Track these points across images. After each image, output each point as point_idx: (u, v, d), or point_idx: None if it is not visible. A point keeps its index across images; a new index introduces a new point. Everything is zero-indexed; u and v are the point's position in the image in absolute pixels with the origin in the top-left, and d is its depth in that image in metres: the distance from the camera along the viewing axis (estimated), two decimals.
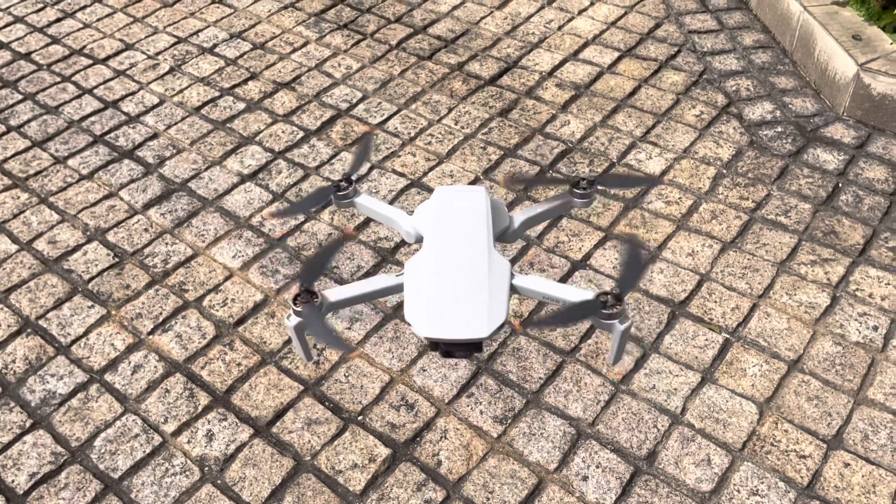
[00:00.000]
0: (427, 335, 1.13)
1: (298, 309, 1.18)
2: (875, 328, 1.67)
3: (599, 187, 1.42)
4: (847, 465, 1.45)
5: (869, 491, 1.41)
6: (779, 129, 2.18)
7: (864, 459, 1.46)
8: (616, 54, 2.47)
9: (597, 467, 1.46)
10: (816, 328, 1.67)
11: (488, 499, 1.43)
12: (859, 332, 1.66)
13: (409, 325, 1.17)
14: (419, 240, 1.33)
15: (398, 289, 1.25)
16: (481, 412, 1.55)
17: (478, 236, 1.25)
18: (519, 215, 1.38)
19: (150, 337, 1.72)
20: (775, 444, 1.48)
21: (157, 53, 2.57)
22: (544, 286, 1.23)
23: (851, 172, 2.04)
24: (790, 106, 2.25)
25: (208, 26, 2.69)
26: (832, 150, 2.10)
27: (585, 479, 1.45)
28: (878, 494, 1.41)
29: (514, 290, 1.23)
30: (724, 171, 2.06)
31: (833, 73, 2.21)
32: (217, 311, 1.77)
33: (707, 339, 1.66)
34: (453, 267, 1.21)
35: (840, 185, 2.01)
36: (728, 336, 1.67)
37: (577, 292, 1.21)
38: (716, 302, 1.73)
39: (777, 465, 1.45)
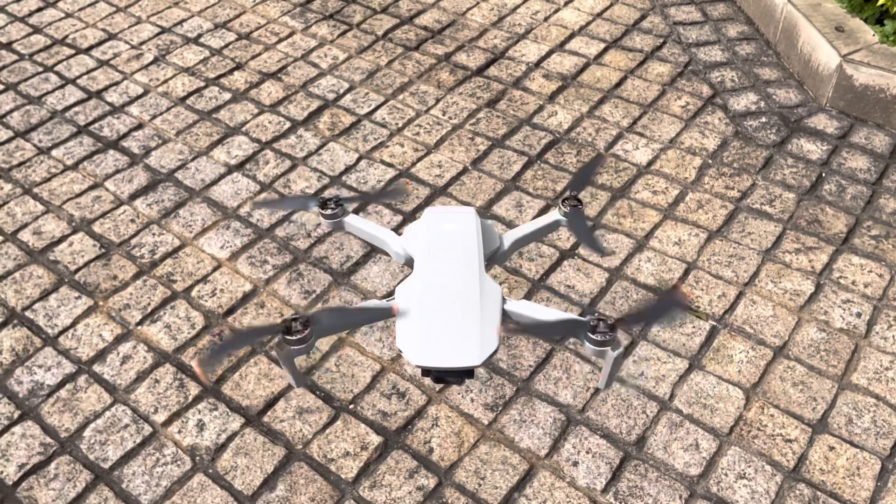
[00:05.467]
0: (419, 363, 1.11)
1: (292, 338, 1.15)
2: (858, 315, 1.70)
3: (570, 216, 1.37)
4: (832, 448, 1.48)
5: (853, 473, 1.44)
6: (763, 119, 2.20)
7: (848, 443, 1.48)
8: (602, 45, 2.48)
9: (587, 453, 1.48)
10: (801, 315, 1.70)
11: (480, 485, 1.44)
12: (843, 319, 1.69)
13: (401, 352, 1.16)
14: (409, 262, 1.31)
15: (389, 313, 1.23)
16: (472, 400, 1.56)
17: (469, 260, 1.23)
18: (508, 236, 1.36)
19: (139, 327, 1.71)
20: (762, 429, 1.51)
21: (141, 43, 2.55)
22: (536, 311, 1.21)
23: (834, 162, 2.07)
24: (774, 97, 2.28)
25: (192, 16, 2.67)
26: (815, 140, 2.13)
27: (576, 464, 1.46)
28: (862, 476, 1.43)
29: (505, 315, 1.21)
30: (710, 161, 2.08)
31: (816, 65, 2.24)
32: (206, 301, 1.76)
33: (694, 327, 1.68)
34: (444, 293, 1.19)
35: (823, 174, 2.03)
36: (715, 323, 1.69)
37: (571, 318, 1.19)
38: (703, 290, 1.75)
39: (763, 448, 1.48)
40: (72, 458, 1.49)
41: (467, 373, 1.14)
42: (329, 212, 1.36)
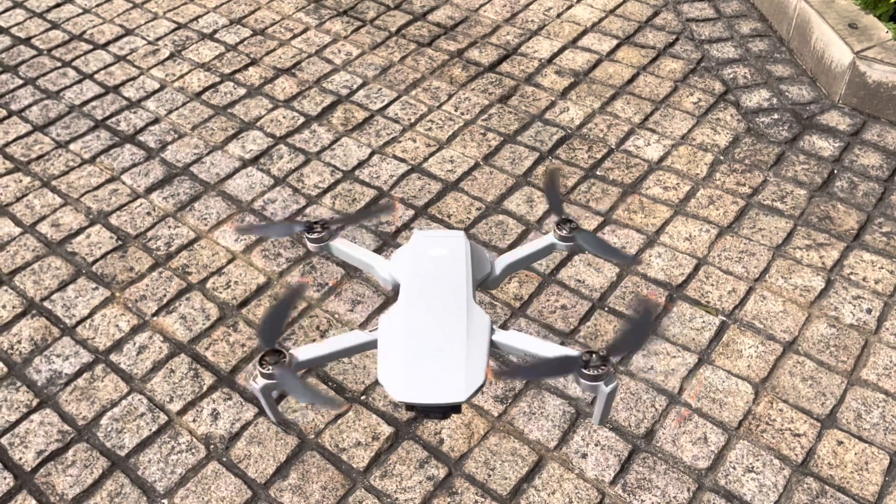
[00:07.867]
0: (401, 399, 1.05)
1: (267, 371, 1.09)
2: (869, 311, 1.70)
3: (580, 238, 1.30)
4: (840, 443, 1.48)
5: (861, 468, 1.45)
6: (775, 116, 2.20)
7: (856, 438, 1.49)
8: (615, 42, 2.49)
9: (596, 445, 1.49)
10: (811, 311, 1.70)
11: (489, 475, 1.45)
12: (853, 315, 1.69)
13: (382, 386, 1.11)
14: (396, 287, 1.25)
15: (372, 345, 1.17)
16: (482, 392, 1.58)
17: (456, 288, 1.17)
18: (501, 260, 1.30)
19: (155, 318, 1.74)
20: (770, 423, 1.51)
21: (157, 39, 2.58)
22: (526, 343, 1.15)
23: (846, 159, 2.07)
24: (787, 93, 2.28)
25: (208, 12, 2.69)
26: (828, 137, 2.13)
27: (585, 456, 1.48)
28: (870, 471, 1.44)
29: (494, 345, 1.15)
30: (722, 157, 2.08)
31: (829, 62, 2.24)
32: (220, 293, 1.79)
33: (704, 322, 1.69)
34: (429, 324, 1.12)
35: (835, 171, 2.03)
36: (725, 318, 1.69)
37: (561, 350, 1.14)
38: (713, 285, 1.76)
39: (772, 443, 1.48)
40: (89, 445, 1.52)
41: (453, 408, 1.08)
42: (315, 236, 1.30)
